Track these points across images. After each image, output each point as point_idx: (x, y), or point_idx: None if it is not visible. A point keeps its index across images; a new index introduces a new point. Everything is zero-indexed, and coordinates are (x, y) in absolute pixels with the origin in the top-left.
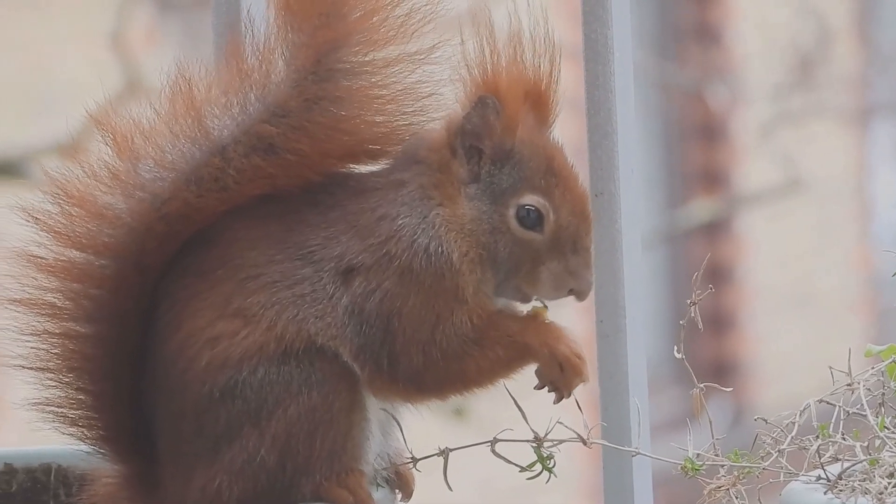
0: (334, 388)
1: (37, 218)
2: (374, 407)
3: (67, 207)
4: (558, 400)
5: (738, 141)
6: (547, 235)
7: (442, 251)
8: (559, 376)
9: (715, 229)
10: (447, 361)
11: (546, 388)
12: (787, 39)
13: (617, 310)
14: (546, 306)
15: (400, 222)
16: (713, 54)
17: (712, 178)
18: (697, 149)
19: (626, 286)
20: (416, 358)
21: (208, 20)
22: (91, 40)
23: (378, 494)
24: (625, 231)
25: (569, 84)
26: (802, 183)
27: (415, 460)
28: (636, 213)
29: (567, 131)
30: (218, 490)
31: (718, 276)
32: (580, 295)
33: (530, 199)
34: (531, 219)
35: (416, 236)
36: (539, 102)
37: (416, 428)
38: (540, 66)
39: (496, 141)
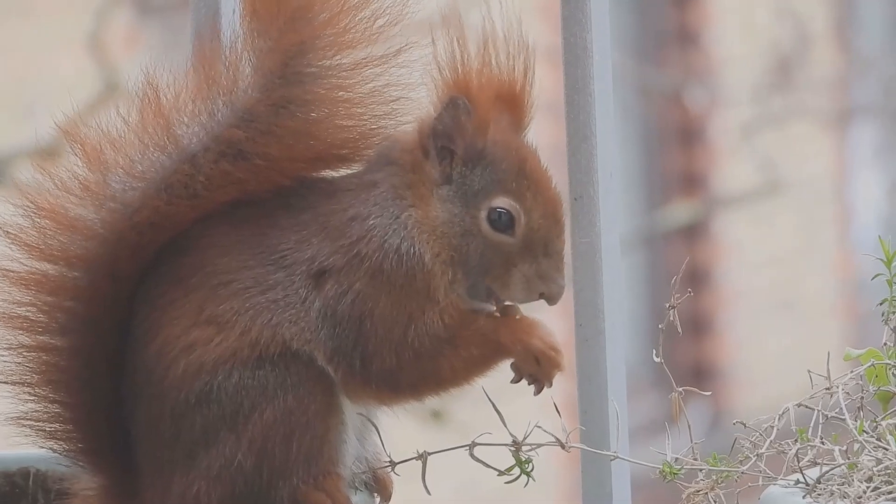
0: (310, 391)
1: (8, 231)
2: (351, 410)
3: (38, 220)
4: (538, 391)
5: (718, 143)
6: (518, 238)
7: (414, 252)
8: (536, 369)
9: (694, 232)
10: (420, 361)
11: (525, 381)
12: (766, 42)
13: (596, 313)
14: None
15: (371, 223)
16: (692, 57)
17: (691, 181)
18: (677, 151)
19: (605, 290)
20: (389, 359)
21: (187, 24)
22: (76, 44)
23: (356, 498)
24: (603, 234)
25: (548, 88)
26: (782, 186)
27: (393, 464)
28: (615, 216)
29: (546, 135)
30: (196, 496)
31: (698, 279)
32: (551, 299)
33: (502, 202)
34: (502, 221)
35: (387, 237)
36: (513, 104)
37: (394, 431)
38: (514, 68)
39: (468, 142)
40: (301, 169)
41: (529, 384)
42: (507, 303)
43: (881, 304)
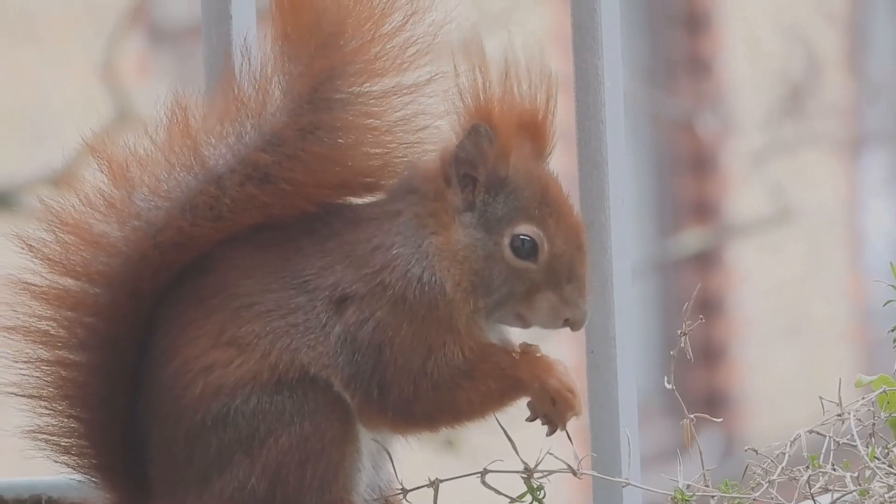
0: (326, 418)
1: (32, 246)
2: (366, 438)
3: (62, 235)
4: (551, 432)
5: (729, 170)
6: (541, 265)
7: (435, 281)
8: (551, 409)
9: (706, 259)
10: (438, 393)
11: (539, 421)
12: (777, 69)
13: (607, 340)
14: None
15: (395, 252)
16: (703, 84)
17: (703, 208)
18: (688, 178)
19: (616, 316)
20: (407, 388)
21: (199, 51)
22: (86, 71)
23: None
24: (615, 261)
25: (559, 114)
26: (793, 212)
27: (405, 491)
28: (626, 243)
29: (557, 161)
30: None
31: (709, 306)
32: (576, 324)
33: (525, 229)
34: (526, 248)
35: (410, 266)
36: (535, 133)
37: (406, 458)
38: (536, 97)
39: (490, 169)
40: (326, 195)
41: (543, 424)
42: (527, 342)
43: (892, 330)
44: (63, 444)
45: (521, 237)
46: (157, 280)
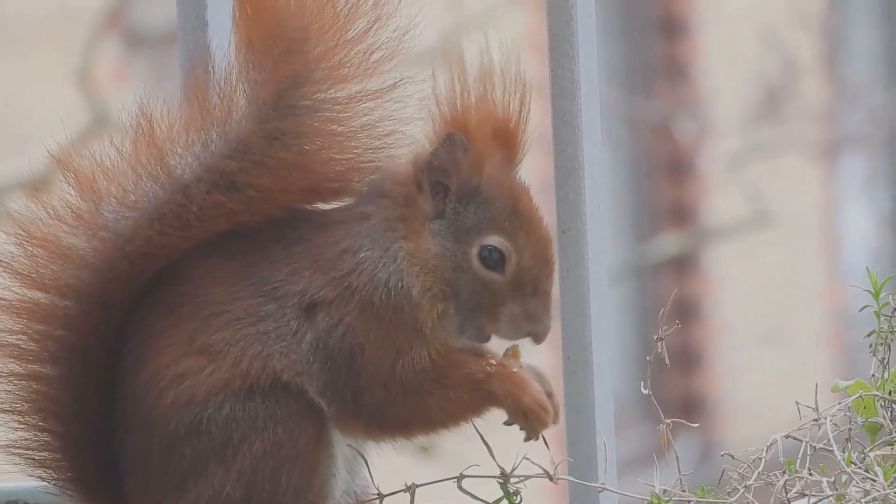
0: (300, 424)
1: (0, 260)
2: (341, 443)
3: (31, 249)
4: (527, 440)
5: (706, 175)
6: (508, 277)
7: (402, 285)
8: (524, 423)
9: (683, 264)
10: (408, 398)
11: (517, 425)
12: (754, 73)
13: (584, 345)
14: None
15: (362, 255)
16: (681, 89)
17: (680, 213)
18: (665, 183)
19: (592, 322)
20: (378, 393)
21: (176, 57)
22: (64, 79)
23: None
24: (591, 267)
25: (535, 120)
26: (770, 217)
27: (381, 496)
28: (603, 249)
29: (534, 167)
30: None
31: (686, 311)
32: (537, 337)
33: (494, 240)
34: (493, 259)
35: (377, 269)
36: (507, 141)
37: (382, 464)
38: (510, 105)
39: (462, 178)
40: (293, 200)
41: (521, 430)
42: (505, 347)
43: (869, 335)
44: (37, 457)
45: (489, 248)
46: (127, 290)
